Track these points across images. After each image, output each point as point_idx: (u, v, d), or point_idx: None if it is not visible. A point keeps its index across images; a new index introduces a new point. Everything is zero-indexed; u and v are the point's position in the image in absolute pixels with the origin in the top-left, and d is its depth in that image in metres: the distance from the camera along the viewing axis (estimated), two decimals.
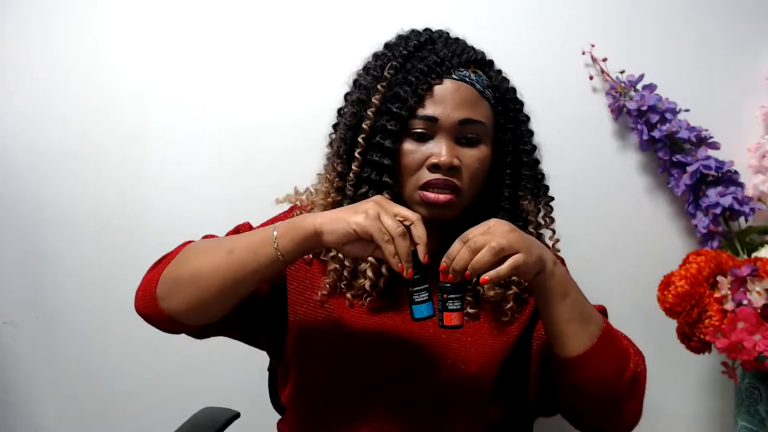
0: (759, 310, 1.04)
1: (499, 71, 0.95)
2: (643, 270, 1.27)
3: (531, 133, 0.95)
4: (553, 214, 0.99)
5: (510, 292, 0.92)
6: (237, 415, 1.07)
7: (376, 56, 0.93)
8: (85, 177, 1.40)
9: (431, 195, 0.86)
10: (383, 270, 0.88)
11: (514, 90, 0.95)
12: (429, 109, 0.86)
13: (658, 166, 1.32)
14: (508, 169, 0.92)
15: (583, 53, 1.31)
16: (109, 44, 1.39)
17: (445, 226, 0.90)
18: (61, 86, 1.39)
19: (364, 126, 0.88)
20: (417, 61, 0.88)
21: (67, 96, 1.39)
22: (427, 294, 0.79)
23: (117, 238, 1.40)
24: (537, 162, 0.96)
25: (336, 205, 0.88)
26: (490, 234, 0.78)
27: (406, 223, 0.77)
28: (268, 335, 0.94)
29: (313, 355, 0.89)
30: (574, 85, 1.33)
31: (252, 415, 1.04)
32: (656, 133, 1.26)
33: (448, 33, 0.96)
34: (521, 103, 0.95)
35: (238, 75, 1.37)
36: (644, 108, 1.26)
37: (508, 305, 0.91)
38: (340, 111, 0.96)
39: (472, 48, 0.94)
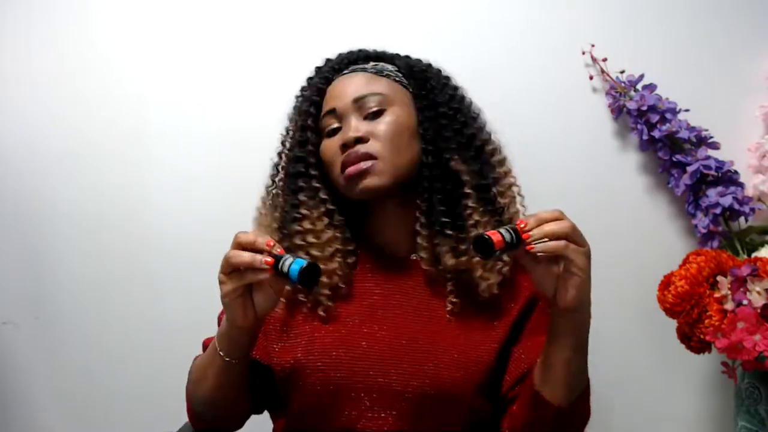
0: (759, 310, 1.04)
1: (407, 57, 0.99)
2: (643, 270, 1.27)
3: (452, 97, 0.96)
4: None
5: (475, 258, 0.89)
6: None
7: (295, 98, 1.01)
8: (85, 177, 1.40)
9: (349, 169, 0.89)
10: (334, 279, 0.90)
11: (426, 64, 0.98)
12: (328, 106, 0.93)
13: (658, 166, 1.31)
14: (428, 134, 0.92)
15: (583, 53, 1.31)
16: (109, 44, 1.39)
17: (403, 213, 0.92)
18: (61, 86, 1.40)
19: (286, 153, 0.96)
20: (317, 79, 0.97)
21: (67, 96, 1.40)
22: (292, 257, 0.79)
23: (117, 238, 1.40)
24: (465, 123, 0.95)
25: (271, 210, 0.96)
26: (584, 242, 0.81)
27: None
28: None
29: (298, 373, 0.89)
30: (574, 85, 1.33)
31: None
32: (656, 133, 1.26)
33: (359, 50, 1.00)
34: (437, 71, 0.98)
35: (239, 75, 1.38)
36: (644, 108, 1.26)
37: (477, 273, 0.89)
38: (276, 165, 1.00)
39: (374, 50, 0.99)
